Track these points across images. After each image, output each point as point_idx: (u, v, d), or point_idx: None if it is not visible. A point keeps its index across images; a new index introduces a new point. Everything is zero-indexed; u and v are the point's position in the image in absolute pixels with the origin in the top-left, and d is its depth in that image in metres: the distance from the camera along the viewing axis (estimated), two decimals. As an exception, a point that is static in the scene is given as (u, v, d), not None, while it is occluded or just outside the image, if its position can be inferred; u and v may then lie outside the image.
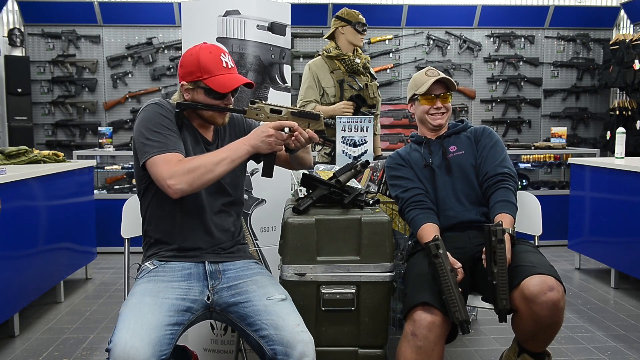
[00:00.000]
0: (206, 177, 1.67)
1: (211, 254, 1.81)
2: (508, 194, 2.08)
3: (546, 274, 1.77)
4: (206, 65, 1.75)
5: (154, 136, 1.70)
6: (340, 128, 2.85)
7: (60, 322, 3.28)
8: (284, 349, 1.57)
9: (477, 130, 2.30)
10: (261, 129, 1.74)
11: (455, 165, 2.21)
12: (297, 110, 1.78)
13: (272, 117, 1.76)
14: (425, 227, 2.06)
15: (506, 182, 2.12)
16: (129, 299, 1.64)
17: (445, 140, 2.28)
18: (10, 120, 5.89)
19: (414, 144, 2.33)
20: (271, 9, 2.39)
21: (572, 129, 6.56)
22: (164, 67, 6.20)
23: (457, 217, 2.13)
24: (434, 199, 2.18)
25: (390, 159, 2.31)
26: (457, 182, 2.18)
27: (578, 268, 4.46)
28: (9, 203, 2.85)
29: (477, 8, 6.32)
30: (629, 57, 5.78)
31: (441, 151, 2.25)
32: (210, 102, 1.79)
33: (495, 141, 2.24)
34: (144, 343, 1.45)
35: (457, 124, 2.34)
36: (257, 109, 1.76)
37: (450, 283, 1.73)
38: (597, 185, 4.05)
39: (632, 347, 2.91)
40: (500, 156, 2.20)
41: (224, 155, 1.70)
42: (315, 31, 6.29)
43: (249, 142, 1.73)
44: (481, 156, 2.22)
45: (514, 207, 2.06)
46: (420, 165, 2.23)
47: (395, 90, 6.43)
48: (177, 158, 1.68)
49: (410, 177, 2.21)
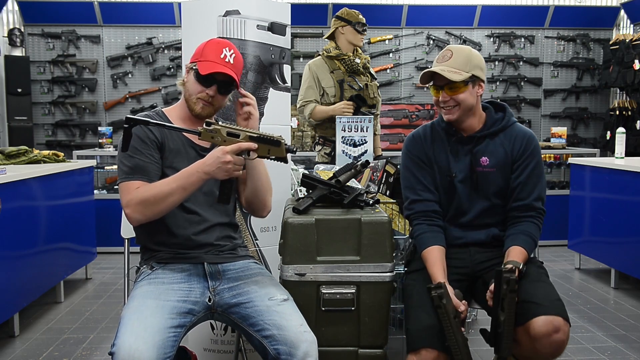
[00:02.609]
0: (158, 208, 1.66)
1: (210, 255, 1.81)
2: (532, 229, 1.92)
3: (553, 315, 1.68)
4: (207, 51, 1.77)
5: (125, 159, 1.73)
6: (340, 128, 2.84)
7: (60, 322, 3.28)
8: (287, 349, 1.58)
9: (518, 139, 1.97)
10: (217, 153, 1.60)
11: (482, 182, 1.96)
12: (257, 135, 1.64)
13: (229, 141, 1.61)
14: (431, 251, 1.92)
15: (538, 218, 1.94)
16: (130, 302, 1.64)
17: (478, 148, 1.97)
18: (10, 120, 5.89)
19: (442, 130, 2.02)
20: (271, 9, 2.39)
21: (572, 129, 6.56)
22: (164, 67, 6.20)
23: (464, 238, 1.99)
24: (446, 208, 2.01)
25: (411, 143, 2.05)
26: (478, 200, 1.98)
27: (578, 268, 4.46)
28: (9, 203, 2.85)
29: (477, 8, 6.32)
30: (629, 57, 5.78)
31: (469, 160, 1.97)
32: (196, 88, 1.78)
33: (536, 163, 1.96)
34: (148, 346, 1.45)
35: (497, 118, 2.00)
36: (212, 131, 1.61)
37: (454, 331, 1.67)
38: (597, 185, 4.05)
39: (632, 347, 2.91)
40: (539, 185, 1.95)
41: (175, 185, 1.64)
42: (315, 31, 6.29)
43: (203, 168, 1.62)
44: (517, 180, 1.95)
45: (533, 243, 1.90)
46: (444, 165, 1.99)
47: (395, 90, 6.44)
48: (136, 186, 1.69)
49: (427, 184, 2.00)
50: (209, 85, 1.77)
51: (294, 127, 5.47)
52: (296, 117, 5.12)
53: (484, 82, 1.96)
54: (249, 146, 1.62)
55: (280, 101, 2.45)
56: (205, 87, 1.78)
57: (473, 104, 1.94)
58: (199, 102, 1.80)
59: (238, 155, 1.61)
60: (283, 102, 2.48)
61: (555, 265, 4.57)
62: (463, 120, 1.96)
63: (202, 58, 1.76)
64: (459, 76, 1.88)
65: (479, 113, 1.99)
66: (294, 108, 3.55)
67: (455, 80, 1.88)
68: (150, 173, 1.73)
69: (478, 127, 1.99)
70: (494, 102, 2.06)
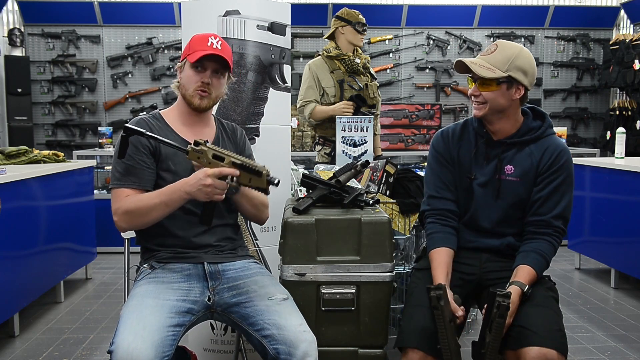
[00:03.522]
0: (142, 220, 1.69)
1: (210, 255, 1.81)
2: (547, 249, 1.81)
3: (548, 347, 1.59)
4: (193, 44, 1.80)
5: (118, 165, 1.75)
6: (340, 128, 2.85)
7: (60, 322, 3.28)
8: (287, 349, 1.58)
9: (548, 151, 1.85)
10: (199, 175, 1.61)
11: (505, 191, 1.87)
12: (240, 162, 1.62)
13: (213, 164, 1.61)
14: (439, 252, 1.86)
15: (554, 236, 1.82)
16: (129, 300, 1.64)
17: (505, 155, 1.87)
18: (10, 120, 5.89)
19: (473, 130, 1.93)
20: (271, 9, 2.39)
21: (572, 129, 6.56)
22: (164, 67, 6.21)
23: (477, 242, 1.92)
24: (464, 209, 1.94)
25: (437, 141, 1.98)
26: (497, 207, 1.88)
27: (578, 268, 4.46)
28: (9, 203, 2.85)
29: (477, 8, 6.33)
30: (629, 57, 5.78)
31: (494, 166, 1.88)
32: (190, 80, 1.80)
33: (563, 179, 1.83)
34: (147, 345, 1.45)
35: (533, 127, 1.88)
36: (199, 151, 1.61)
37: (447, 335, 1.64)
38: (597, 185, 4.05)
39: (632, 347, 2.91)
40: (563, 203, 1.83)
41: (158, 200, 1.67)
42: (315, 31, 6.30)
43: (185, 188, 1.63)
44: (538, 194, 1.84)
45: (544, 263, 1.79)
46: (465, 166, 1.92)
47: (395, 90, 6.44)
48: (126, 194, 1.71)
49: (447, 182, 1.93)
50: (203, 71, 1.79)
51: (294, 127, 5.47)
52: (296, 117, 5.12)
53: (525, 86, 1.81)
54: (231, 172, 1.61)
55: (280, 101, 2.45)
56: (199, 74, 1.79)
57: (504, 106, 1.81)
58: (196, 93, 1.80)
59: (221, 180, 1.61)
60: (283, 102, 2.48)
61: (555, 265, 4.57)
62: (493, 122, 1.85)
63: (190, 51, 1.79)
64: (489, 73, 1.77)
65: (514, 117, 1.86)
66: (294, 108, 3.55)
67: (484, 77, 1.77)
68: (141, 178, 1.74)
69: (511, 132, 1.87)
70: (535, 109, 1.94)
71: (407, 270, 2.37)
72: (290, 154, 2.58)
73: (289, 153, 2.56)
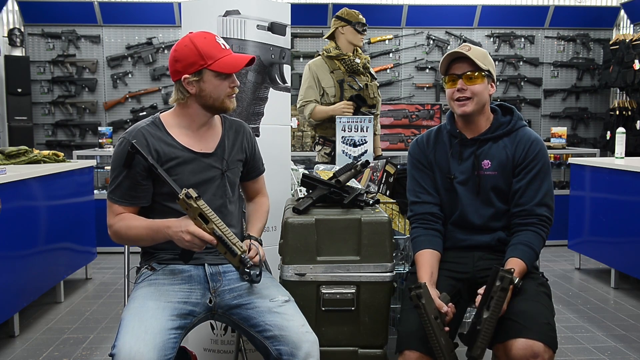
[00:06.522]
0: (130, 244, 1.84)
1: (210, 256, 1.81)
2: (534, 240, 1.84)
3: (534, 339, 1.59)
4: (207, 51, 1.70)
5: (113, 177, 1.75)
6: (340, 128, 2.85)
7: (60, 322, 3.28)
8: (289, 349, 1.58)
9: (522, 143, 1.91)
10: (182, 226, 1.60)
11: (484, 186, 1.92)
12: (219, 235, 1.61)
13: (197, 222, 1.60)
14: (423, 254, 1.90)
15: (539, 226, 1.86)
16: (130, 303, 1.64)
17: (480, 151, 1.93)
18: (10, 120, 5.89)
19: (447, 133, 1.99)
20: (271, 9, 2.39)
21: (572, 129, 6.56)
22: (164, 67, 6.20)
23: (468, 240, 1.95)
24: (448, 210, 1.98)
25: (413, 148, 2.04)
26: (482, 204, 1.93)
27: (578, 268, 4.46)
28: (9, 203, 2.85)
29: (477, 8, 6.32)
30: (629, 57, 5.78)
31: (472, 163, 1.93)
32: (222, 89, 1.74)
33: (540, 168, 1.89)
34: (149, 348, 1.45)
35: (503, 122, 1.95)
36: (189, 205, 1.60)
37: (434, 332, 1.64)
38: (597, 185, 4.05)
39: (632, 347, 2.91)
40: (542, 190, 1.88)
41: (145, 232, 1.69)
42: (315, 31, 6.29)
43: (167, 231, 1.63)
44: (519, 184, 1.89)
45: (533, 254, 1.82)
46: (444, 167, 1.97)
47: (395, 90, 6.44)
48: (119, 212, 1.75)
49: (426, 186, 1.99)
50: (229, 76, 1.75)
51: (294, 127, 5.47)
52: (296, 117, 5.12)
53: (495, 83, 1.94)
54: (209, 240, 1.60)
55: (280, 101, 2.45)
56: (227, 80, 1.74)
57: (486, 100, 1.91)
58: (227, 99, 1.77)
59: (198, 240, 1.60)
60: (283, 102, 2.48)
61: (555, 265, 4.58)
62: (474, 119, 1.92)
63: (211, 59, 1.70)
64: (482, 64, 1.86)
65: (487, 114, 1.95)
66: (294, 108, 3.55)
67: (480, 67, 1.85)
68: (134, 197, 1.75)
69: (484, 129, 1.95)
70: (502, 105, 2.02)
71: (407, 270, 2.37)
72: (290, 154, 2.58)
73: (289, 153, 2.56)
